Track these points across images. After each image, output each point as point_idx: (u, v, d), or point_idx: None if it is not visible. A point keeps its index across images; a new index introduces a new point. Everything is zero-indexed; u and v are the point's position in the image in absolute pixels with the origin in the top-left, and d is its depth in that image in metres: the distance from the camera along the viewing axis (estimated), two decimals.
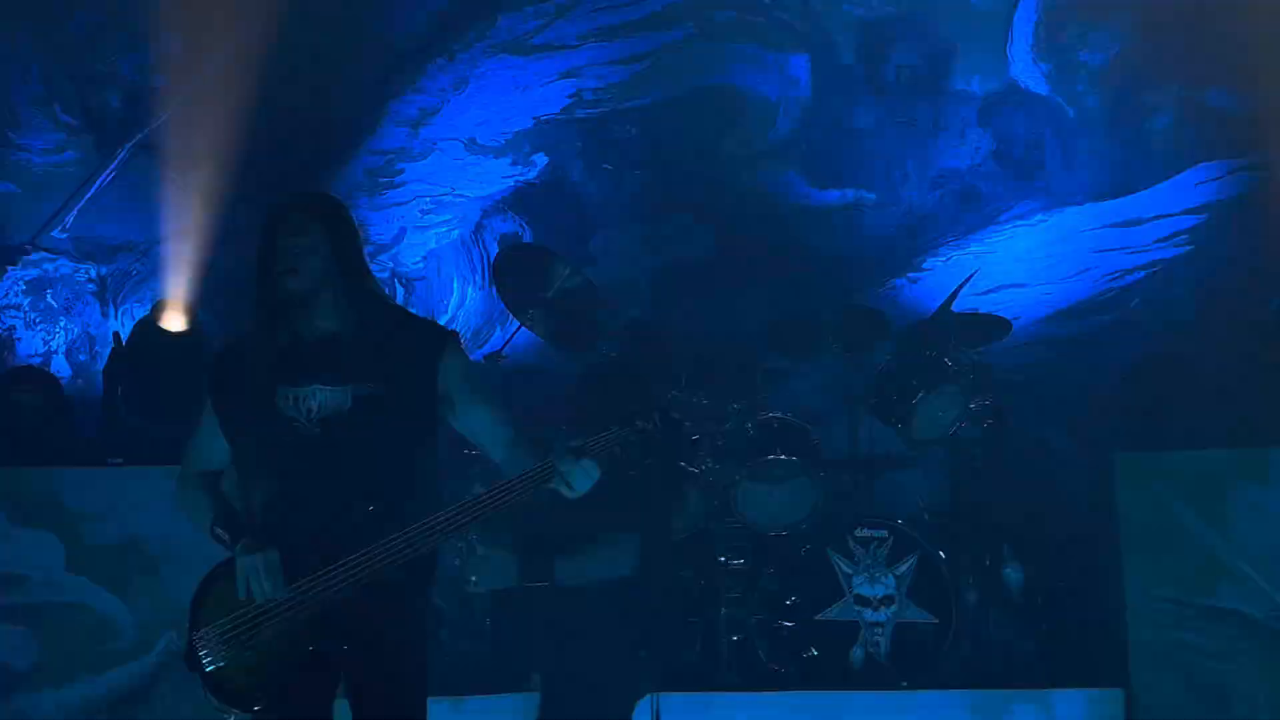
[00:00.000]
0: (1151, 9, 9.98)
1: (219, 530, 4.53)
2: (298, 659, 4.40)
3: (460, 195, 10.29)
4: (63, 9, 10.28)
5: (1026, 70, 10.13)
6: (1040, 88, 10.12)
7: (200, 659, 4.43)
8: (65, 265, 10.17)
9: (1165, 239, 9.95)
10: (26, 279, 10.13)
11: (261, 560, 4.36)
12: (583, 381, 6.11)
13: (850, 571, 7.66)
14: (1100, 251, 9.98)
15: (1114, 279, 9.94)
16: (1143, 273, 9.95)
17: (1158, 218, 9.97)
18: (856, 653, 7.58)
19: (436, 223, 10.31)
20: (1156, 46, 10.01)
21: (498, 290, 8.69)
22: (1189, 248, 9.92)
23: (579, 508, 4.70)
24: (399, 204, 10.27)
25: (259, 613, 4.38)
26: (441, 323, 9.74)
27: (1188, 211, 9.96)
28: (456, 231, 10.30)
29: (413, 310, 9.91)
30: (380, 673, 4.46)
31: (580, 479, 4.38)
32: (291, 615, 4.37)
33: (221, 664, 4.40)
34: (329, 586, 4.35)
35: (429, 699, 4.57)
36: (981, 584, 8.02)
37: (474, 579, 6.79)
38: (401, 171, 10.32)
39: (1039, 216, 10.03)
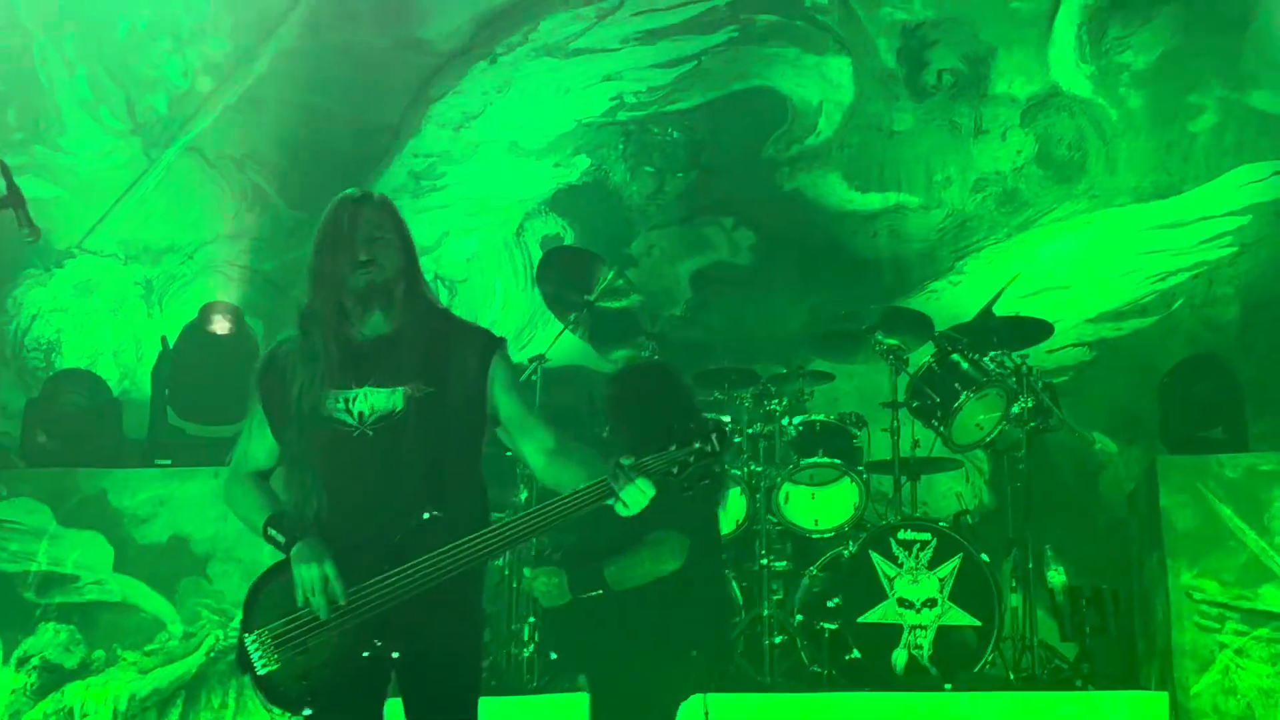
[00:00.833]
0: (1194, 10, 9.95)
1: (272, 531, 4.50)
2: (350, 663, 4.39)
3: (502, 198, 10.31)
4: (109, 14, 10.36)
5: (1068, 73, 10.11)
6: (1082, 90, 10.09)
7: (252, 661, 4.44)
8: (112, 268, 10.26)
9: (1208, 240, 9.91)
10: (74, 282, 10.22)
11: (319, 575, 4.33)
12: (622, 383, 6.09)
13: (893, 574, 7.64)
14: (1143, 253, 9.94)
15: (1157, 280, 9.91)
16: (1186, 274, 9.91)
17: (1201, 219, 9.93)
18: (899, 655, 7.57)
19: (479, 225, 10.34)
20: (1199, 48, 9.99)
21: (540, 292, 8.70)
22: (1233, 249, 9.88)
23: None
24: (442, 206, 10.31)
25: (315, 619, 4.37)
26: (484, 325, 9.84)
27: (1231, 213, 9.91)
28: (499, 233, 10.33)
29: (455, 313, 10.06)
30: (434, 677, 4.46)
31: (635, 498, 4.34)
32: (344, 623, 4.36)
33: (274, 667, 4.41)
34: (385, 596, 4.35)
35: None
36: (1024, 586, 8.00)
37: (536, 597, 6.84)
38: (444, 174, 10.36)
39: (1082, 218, 10.00)
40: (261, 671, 4.42)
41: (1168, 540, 7.60)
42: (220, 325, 9.01)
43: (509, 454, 4.91)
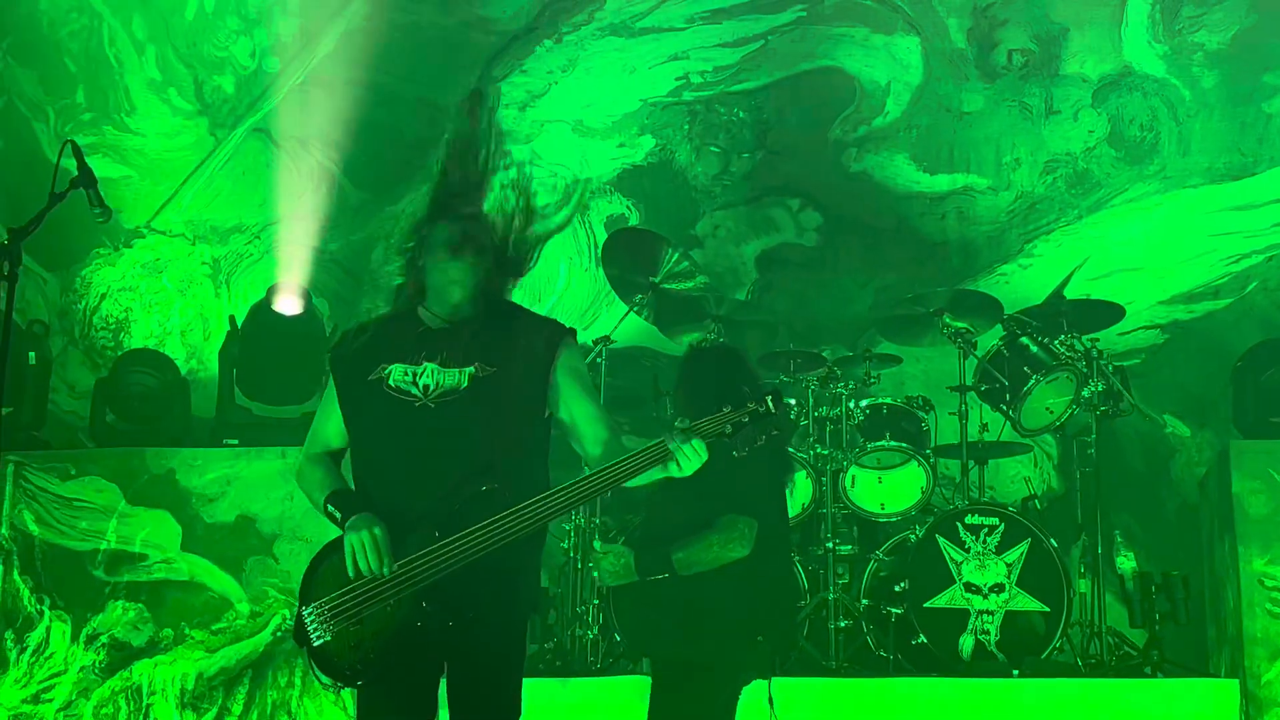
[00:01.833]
0: None
1: (330, 508, 4.58)
2: (404, 634, 4.42)
3: (568, 178, 10.29)
4: None
5: (1141, 52, 9.99)
6: (1155, 69, 9.97)
7: (307, 633, 4.49)
8: (180, 248, 10.32)
9: None
10: (142, 262, 10.29)
11: (369, 537, 4.39)
12: (688, 365, 6.08)
13: (960, 559, 7.60)
14: (1216, 235, 9.83)
15: (1230, 263, 9.79)
16: (1259, 256, 9.79)
17: (1275, 201, 9.81)
18: (966, 640, 7.52)
19: (543, 204, 10.30)
20: (1274, 27, 9.85)
21: (605, 272, 8.69)
22: None
23: (694, 496, 4.70)
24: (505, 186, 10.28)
25: (366, 589, 4.41)
26: (547, 304, 9.89)
27: None
28: (563, 212, 10.31)
29: (517, 292, 10.09)
30: (479, 650, 4.49)
31: (690, 458, 4.39)
32: (398, 592, 4.39)
33: (327, 638, 4.45)
34: (438, 564, 4.38)
35: (541, 679, 4.61)
36: (1093, 572, 7.93)
37: (596, 575, 6.84)
38: (508, 153, 10.31)
39: (1154, 200, 9.89)
40: (316, 644, 4.46)
41: (1239, 526, 7.53)
42: (287, 305, 9.04)
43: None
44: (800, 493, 8.03)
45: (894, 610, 7.64)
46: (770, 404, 4.46)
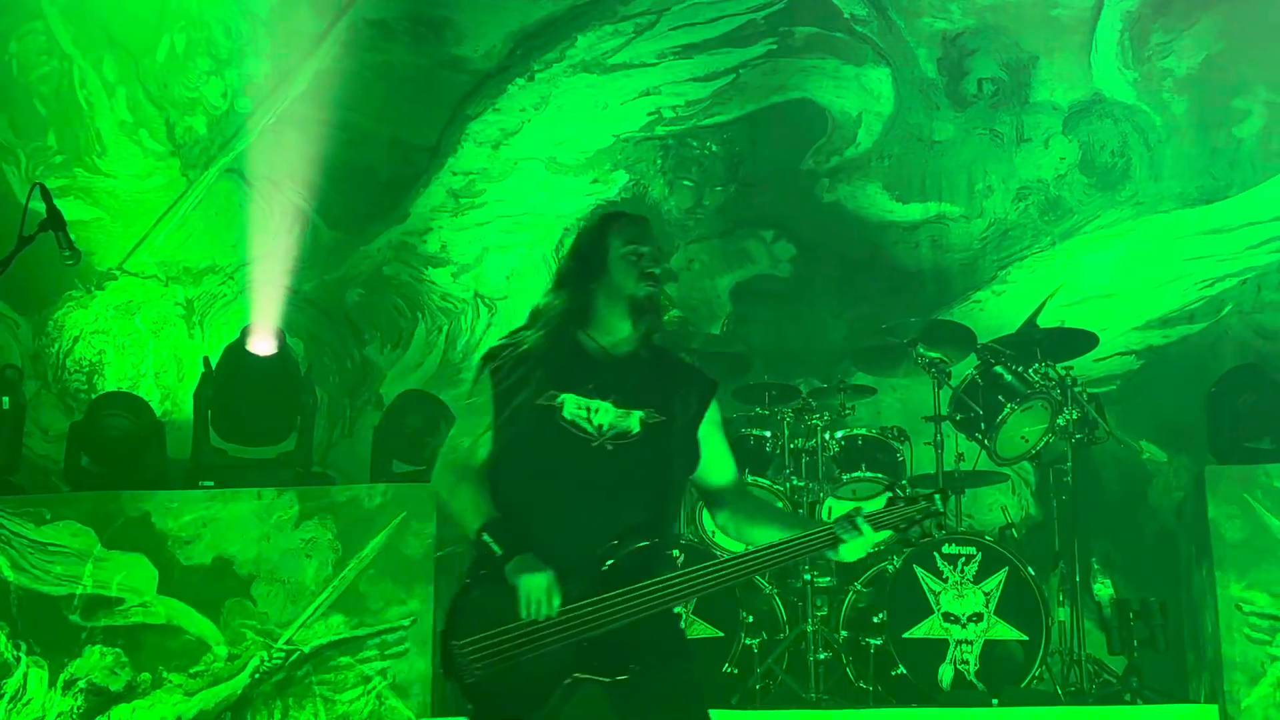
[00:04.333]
0: (1236, 15, 9.87)
1: (488, 538, 4.40)
2: (557, 681, 4.33)
3: (541, 214, 10.30)
4: (148, 37, 10.43)
5: (1111, 79, 10.04)
6: (1126, 96, 10.02)
7: (461, 668, 4.36)
8: (153, 289, 10.29)
9: (1256, 245, 9.82)
10: (115, 304, 10.26)
11: (545, 584, 4.28)
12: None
13: (938, 588, 7.59)
14: (1190, 259, 9.86)
15: (1205, 286, 9.82)
16: (1233, 280, 9.81)
17: (1247, 224, 9.85)
18: (945, 670, 7.51)
19: (518, 242, 10.33)
20: (1243, 53, 9.91)
21: None
22: None
23: None
24: (480, 224, 10.31)
25: (527, 632, 4.32)
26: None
27: (1278, 217, 9.82)
28: (538, 250, 10.31)
29: (493, 330, 10.15)
30: (663, 707, 4.40)
31: (857, 549, 4.45)
32: (561, 639, 4.31)
33: (481, 674, 4.33)
34: (603, 617, 4.33)
35: None
36: (1071, 600, 7.93)
37: None
38: (483, 191, 10.36)
39: (1126, 225, 9.92)
40: (468, 680, 4.35)
41: (1216, 551, 7.54)
42: (261, 346, 9.02)
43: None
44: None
45: (873, 641, 7.63)
46: (939, 502, 4.54)
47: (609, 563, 4.36)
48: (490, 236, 10.28)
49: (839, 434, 8.34)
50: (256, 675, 7.69)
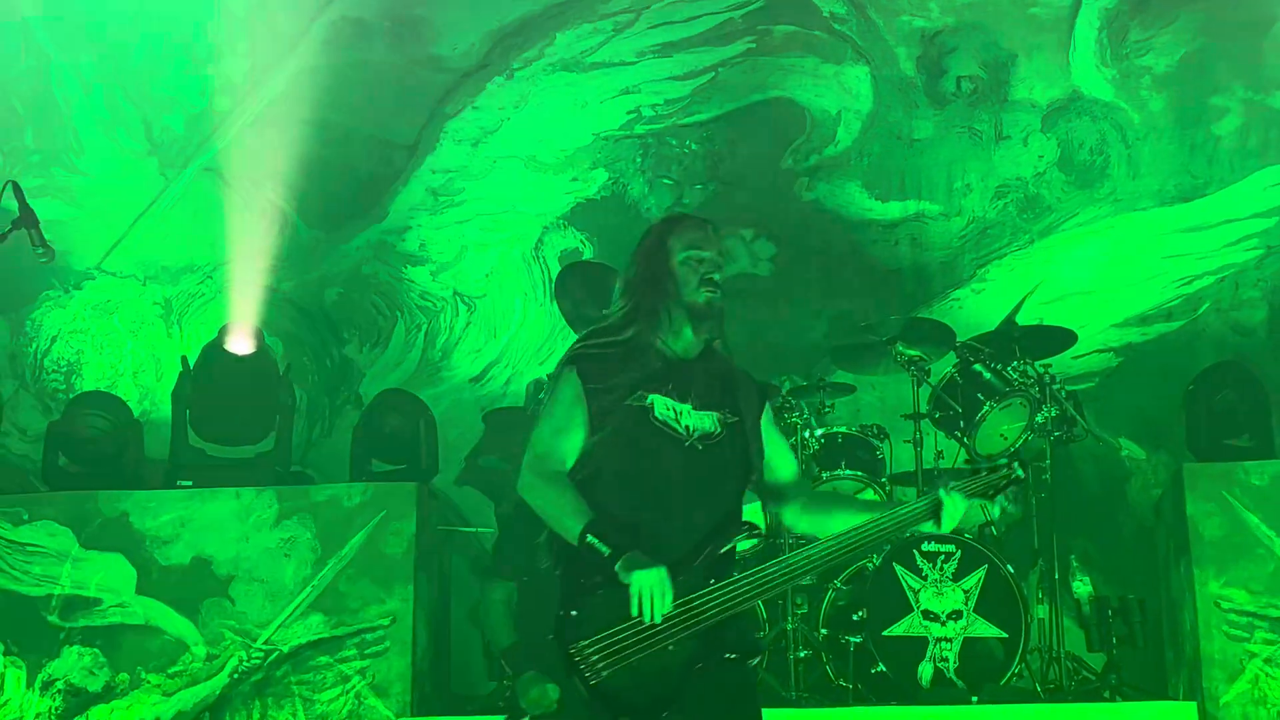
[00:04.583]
0: (1214, 13, 9.89)
1: (592, 539, 4.36)
2: (677, 673, 4.35)
3: (520, 212, 10.30)
4: (125, 35, 10.39)
5: (1089, 76, 10.06)
6: (1104, 94, 10.04)
7: (585, 671, 4.31)
8: (131, 289, 10.26)
9: (1234, 243, 9.85)
10: (93, 303, 10.23)
11: (660, 580, 4.28)
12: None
13: (917, 586, 7.59)
14: (1168, 257, 9.88)
15: (1183, 284, 9.84)
16: (1211, 278, 9.84)
17: (1226, 222, 9.87)
18: (925, 668, 7.51)
19: (497, 240, 10.32)
20: (1221, 51, 9.94)
21: (559, 308, 8.67)
22: (1259, 251, 9.82)
23: None
24: (460, 222, 10.30)
25: (647, 630, 4.31)
26: (503, 340, 9.89)
27: (1256, 215, 9.87)
28: (517, 248, 10.30)
29: (472, 328, 10.15)
30: (722, 690, 4.45)
31: (956, 517, 4.60)
32: (679, 633, 4.33)
33: (605, 676, 4.30)
34: (712, 608, 4.38)
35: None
36: (1050, 597, 7.94)
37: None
38: (462, 190, 10.35)
39: (1105, 223, 9.94)
40: (593, 682, 4.31)
41: (1195, 548, 7.55)
42: (240, 345, 8.99)
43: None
44: (755, 521, 7.99)
45: (853, 639, 7.62)
46: (1018, 468, 4.76)
47: (724, 549, 4.46)
48: (469, 235, 10.27)
49: (819, 432, 8.34)
50: (235, 675, 7.66)
